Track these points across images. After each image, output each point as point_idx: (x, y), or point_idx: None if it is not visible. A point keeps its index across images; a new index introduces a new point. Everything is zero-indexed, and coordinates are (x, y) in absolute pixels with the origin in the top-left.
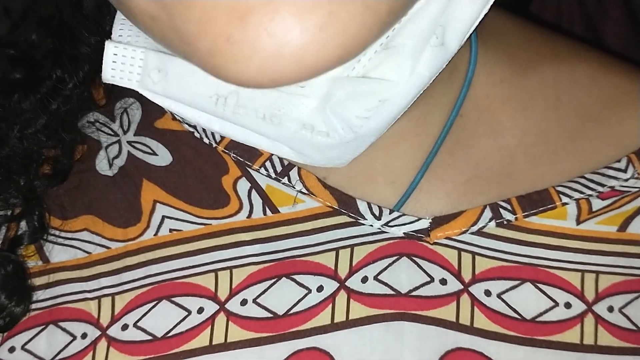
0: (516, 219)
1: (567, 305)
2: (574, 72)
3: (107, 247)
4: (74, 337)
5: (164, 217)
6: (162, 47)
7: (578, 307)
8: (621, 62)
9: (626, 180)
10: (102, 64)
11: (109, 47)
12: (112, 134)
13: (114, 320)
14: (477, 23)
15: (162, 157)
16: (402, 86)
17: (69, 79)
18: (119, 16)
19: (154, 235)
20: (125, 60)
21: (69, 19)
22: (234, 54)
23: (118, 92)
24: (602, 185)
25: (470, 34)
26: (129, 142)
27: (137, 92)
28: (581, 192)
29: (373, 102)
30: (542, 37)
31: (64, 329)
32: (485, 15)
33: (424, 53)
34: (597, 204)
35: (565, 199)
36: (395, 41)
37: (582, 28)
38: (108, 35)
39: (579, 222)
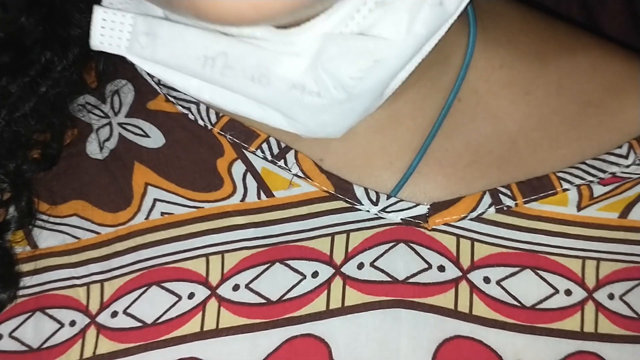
0: (516, 204)
1: (568, 293)
2: (575, 59)
3: (97, 233)
4: (62, 325)
5: (155, 200)
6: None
7: (578, 294)
8: (622, 49)
9: (627, 166)
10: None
11: (98, 12)
12: (103, 116)
13: (103, 307)
14: None
15: (155, 139)
16: (398, 45)
17: (58, 62)
18: None
19: (145, 219)
20: (115, 26)
21: (59, 0)
22: None
23: (110, 75)
24: (603, 171)
25: (469, 28)
26: (120, 124)
27: (130, 73)
28: (582, 178)
29: (367, 62)
30: (543, 23)
31: (51, 316)
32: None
33: (421, 11)
34: (598, 190)
35: (566, 185)
36: None
37: (580, 16)
38: None
39: (579, 209)
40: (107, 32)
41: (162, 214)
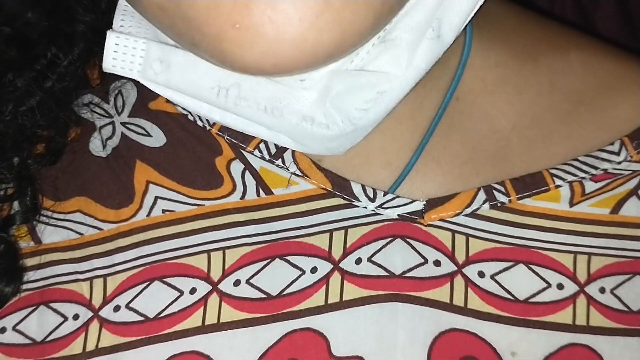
0: (510, 201)
1: (560, 287)
2: (568, 58)
3: (100, 229)
4: (66, 318)
5: (156, 197)
6: (167, 36)
7: (570, 288)
8: (614, 48)
9: (619, 162)
10: (97, 41)
11: (111, 37)
12: (106, 115)
13: (106, 301)
14: (472, 15)
15: (156, 138)
16: (400, 78)
17: (64, 57)
18: (120, 6)
19: (147, 216)
20: (127, 51)
21: None
22: (239, 39)
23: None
24: (595, 167)
25: (466, 26)
26: (122, 123)
27: None
28: (574, 175)
29: (371, 94)
30: (536, 24)
31: (55, 310)
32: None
33: (420, 46)
34: (590, 186)
35: (558, 182)
36: (392, 34)
37: (574, 16)
38: (103, 13)
39: (572, 205)
40: (120, 57)
41: (164, 211)
